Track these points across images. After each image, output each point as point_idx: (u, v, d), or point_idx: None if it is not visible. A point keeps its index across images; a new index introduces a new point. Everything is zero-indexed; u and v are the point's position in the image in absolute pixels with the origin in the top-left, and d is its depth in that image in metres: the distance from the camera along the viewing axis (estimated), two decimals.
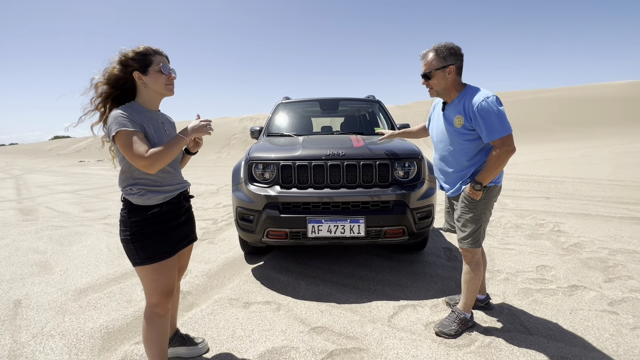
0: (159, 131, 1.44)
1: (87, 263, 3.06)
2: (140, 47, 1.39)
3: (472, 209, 1.78)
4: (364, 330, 1.91)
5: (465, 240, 1.82)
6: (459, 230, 1.86)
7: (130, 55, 1.37)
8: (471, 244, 1.81)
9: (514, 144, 1.68)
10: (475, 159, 1.79)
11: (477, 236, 1.81)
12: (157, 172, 1.41)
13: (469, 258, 1.86)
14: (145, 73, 1.38)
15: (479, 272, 1.87)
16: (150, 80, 1.39)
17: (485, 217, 1.83)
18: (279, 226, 2.40)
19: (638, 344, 1.75)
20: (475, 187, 1.73)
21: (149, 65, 1.38)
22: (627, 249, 3.14)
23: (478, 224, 1.79)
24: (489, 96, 1.70)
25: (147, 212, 1.38)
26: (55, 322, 2.05)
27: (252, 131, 3.98)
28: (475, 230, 1.80)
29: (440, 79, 1.80)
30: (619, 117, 18.85)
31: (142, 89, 1.42)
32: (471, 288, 1.89)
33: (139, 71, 1.38)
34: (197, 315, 2.10)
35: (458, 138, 1.81)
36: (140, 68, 1.37)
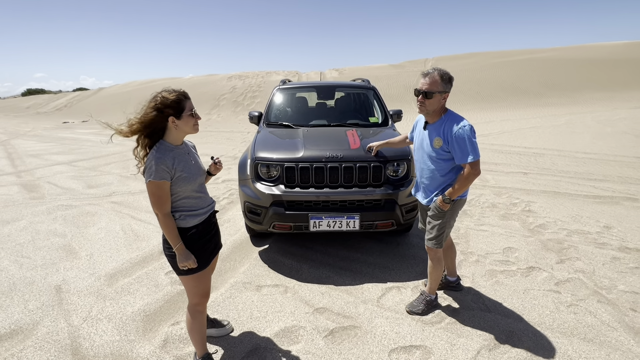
0: (187, 164, 1.69)
1: (108, 247, 3.39)
2: (173, 94, 1.58)
3: (440, 217, 2.14)
4: (357, 310, 2.37)
5: (431, 241, 2.21)
6: (427, 232, 2.23)
7: (167, 104, 1.56)
8: (435, 245, 2.21)
9: (479, 169, 1.99)
10: (447, 176, 2.11)
11: (441, 239, 2.19)
12: (192, 199, 1.71)
13: (432, 255, 2.27)
14: (179, 118, 1.59)
15: (440, 266, 2.30)
16: (182, 124, 1.61)
17: (450, 224, 2.20)
18: (284, 221, 2.74)
19: (569, 319, 2.26)
20: (445, 200, 2.06)
21: (182, 111, 1.59)
22: (582, 230, 3.64)
23: (443, 229, 2.16)
24: (465, 125, 1.98)
25: (187, 233, 1.69)
26: (99, 306, 2.43)
27: (251, 116, 4.13)
28: (439, 234, 2.18)
29: (436, 101, 2.02)
30: (607, 81, 19.02)
31: (173, 129, 1.63)
32: (434, 277, 2.34)
33: (174, 116, 1.58)
34: (219, 299, 2.51)
35: (435, 157, 2.10)
36: (175, 114, 1.58)
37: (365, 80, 4.61)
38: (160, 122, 1.59)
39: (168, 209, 1.63)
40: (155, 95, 1.60)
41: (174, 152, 1.66)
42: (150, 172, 1.56)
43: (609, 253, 3.13)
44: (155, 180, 1.56)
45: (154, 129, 1.63)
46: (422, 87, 2.01)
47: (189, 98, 1.64)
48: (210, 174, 1.95)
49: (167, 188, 1.60)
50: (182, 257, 1.63)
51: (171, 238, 1.63)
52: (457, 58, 25.71)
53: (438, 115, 2.08)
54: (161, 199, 1.60)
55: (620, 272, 2.81)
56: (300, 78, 24.02)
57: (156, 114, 1.57)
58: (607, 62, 20.84)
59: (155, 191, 1.59)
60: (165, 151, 1.62)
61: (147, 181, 1.58)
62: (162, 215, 1.61)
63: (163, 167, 1.56)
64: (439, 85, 1.98)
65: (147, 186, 1.60)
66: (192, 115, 1.62)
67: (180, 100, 1.58)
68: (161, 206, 1.61)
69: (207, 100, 20.67)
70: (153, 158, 1.58)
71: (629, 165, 6.35)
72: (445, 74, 2.00)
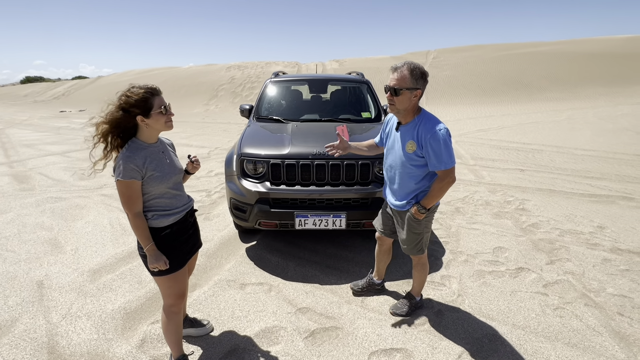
0: (160, 163, 1.63)
1: (94, 241, 3.35)
2: (139, 91, 1.50)
3: (417, 226, 2.02)
4: (340, 311, 2.34)
5: (412, 249, 2.11)
6: (406, 242, 2.09)
7: (132, 102, 1.49)
8: (417, 252, 2.12)
9: (455, 176, 1.84)
10: (421, 183, 1.94)
11: (421, 245, 2.10)
12: (166, 198, 1.65)
13: (416, 261, 2.21)
14: (148, 116, 1.52)
15: (426, 270, 2.24)
16: (152, 122, 1.54)
17: (427, 229, 2.08)
18: (270, 219, 2.69)
19: (554, 322, 2.23)
20: (420, 211, 1.91)
21: (150, 109, 1.52)
22: (575, 230, 3.59)
23: (421, 236, 2.07)
24: (441, 128, 1.80)
25: (161, 233, 1.64)
26: (79, 303, 2.40)
27: (242, 109, 4.05)
28: (419, 241, 2.08)
29: (405, 99, 1.81)
30: (611, 75, 18.74)
31: (144, 128, 1.57)
32: (420, 280, 2.28)
33: (142, 115, 1.51)
34: (201, 297, 2.47)
35: (408, 162, 1.91)
36: (143, 112, 1.51)
37: (360, 73, 4.51)
38: (128, 121, 1.53)
39: (138, 208, 1.58)
40: (121, 94, 1.53)
41: (147, 150, 1.60)
42: (119, 171, 1.51)
43: (600, 254, 3.09)
44: (123, 179, 1.50)
45: (124, 128, 1.56)
46: (390, 83, 1.82)
47: (159, 94, 1.57)
48: (188, 172, 1.89)
49: (136, 187, 1.55)
50: (152, 258, 1.59)
51: (141, 238, 1.58)
52: (459, 50, 25.32)
53: (410, 116, 1.90)
54: (130, 198, 1.55)
55: (610, 275, 2.77)
56: (300, 69, 23.73)
57: (122, 114, 1.51)
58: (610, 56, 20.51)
59: (124, 191, 1.53)
60: (137, 150, 1.56)
61: (115, 180, 1.53)
62: (132, 215, 1.56)
63: (132, 166, 1.51)
64: (407, 81, 1.77)
65: (117, 185, 1.54)
66: (163, 112, 1.55)
67: (146, 99, 1.51)
68: (131, 206, 1.56)
69: (206, 90, 20.47)
70: (122, 157, 1.52)
71: (628, 163, 6.27)
72: (415, 68, 1.78)
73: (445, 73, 20.17)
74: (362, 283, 2.52)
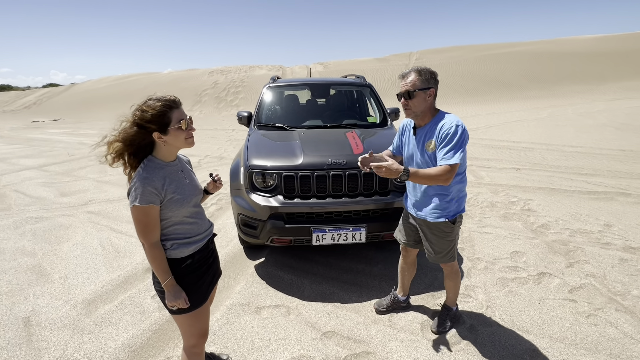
0: (180, 184, 1.43)
1: (85, 266, 3.05)
2: (156, 104, 1.30)
3: (449, 234, 1.92)
4: (369, 333, 2.17)
5: (444, 257, 2.00)
6: (437, 251, 1.98)
7: (147, 118, 1.29)
8: (449, 259, 2.02)
9: (451, 180, 1.70)
10: (447, 188, 1.83)
11: (453, 252, 2.01)
12: (187, 224, 1.45)
13: (448, 270, 2.09)
14: (166, 133, 1.32)
15: (459, 277, 2.14)
16: (170, 139, 1.34)
17: (457, 238, 1.99)
18: (284, 235, 2.50)
19: (591, 332, 2.15)
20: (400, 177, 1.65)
21: (168, 125, 1.31)
22: (584, 229, 3.58)
23: (453, 242, 1.98)
24: (459, 124, 1.74)
25: (182, 264, 1.43)
26: (75, 342, 2.12)
27: (240, 117, 3.84)
28: (451, 248, 1.99)
29: (421, 100, 1.79)
30: (584, 74, 19.57)
31: (162, 145, 1.36)
32: (454, 289, 2.17)
33: (159, 132, 1.31)
34: (214, 325, 2.25)
35: (432, 163, 1.82)
36: (160, 129, 1.31)
37: (361, 76, 4.38)
38: (144, 138, 1.32)
39: (156, 237, 1.36)
40: (136, 108, 1.32)
41: (165, 170, 1.39)
42: (135, 196, 1.29)
43: (616, 254, 3.07)
44: (140, 204, 1.29)
45: (139, 146, 1.35)
46: (402, 89, 1.82)
47: (178, 106, 1.36)
48: (208, 192, 1.69)
49: (155, 213, 1.34)
50: (171, 296, 1.37)
51: (159, 272, 1.37)
52: (440, 51, 25.85)
53: (428, 117, 1.84)
54: (148, 226, 1.33)
55: (631, 275, 2.74)
56: (285, 72, 23.51)
57: (137, 130, 1.30)
58: (584, 56, 21.45)
59: (141, 218, 1.32)
60: (154, 170, 1.35)
61: (131, 206, 1.31)
62: (149, 245, 1.35)
63: (150, 189, 1.30)
64: (418, 82, 1.78)
65: (132, 211, 1.33)
66: (182, 127, 1.35)
67: (163, 113, 1.30)
68: (148, 234, 1.34)
69: (189, 96, 19.91)
70: (139, 178, 1.30)
71: (615, 158, 6.44)
72: (424, 70, 1.80)
73: None
74: (387, 302, 2.37)
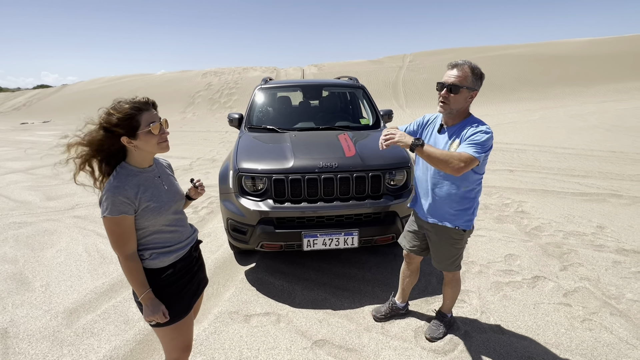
0: (157, 191, 1.35)
1: (69, 274, 2.94)
2: (123, 107, 1.22)
3: (458, 242, 1.88)
4: (361, 341, 2.11)
5: (450, 266, 1.96)
6: (444, 259, 1.94)
7: (113, 122, 1.21)
8: (455, 268, 1.98)
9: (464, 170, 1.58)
10: (468, 190, 1.77)
11: (459, 261, 1.97)
12: (166, 232, 1.38)
13: (450, 277, 2.05)
14: (135, 137, 1.25)
15: (459, 286, 2.09)
16: (141, 143, 1.27)
17: (465, 243, 1.95)
18: (274, 240, 2.43)
19: (586, 337, 2.11)
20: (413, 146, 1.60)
21: (136, 129, 1.24)
22: (577, 231, 3.57)
23: (461, 250, 1.94)
24: (490, 130, 1.66)
25: (162, 275, 1.36)
26: (54, 355, 2.03)
27: (231, 119, 3.78)
28: (458, 257, 1.95)
29: (462, 99, 1.68)
30: (575, 76, 19.83)
31: (134, 150, 1.29)
32: (452, 297, 2.13)
33: (127, 136, 1.24)
34: (201, 335, 2.17)
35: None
36: (128, 133, 1.23)
37: (353, 78, 4.34)
38: (113, 143, 1.25)
39: (132, 248, 1.29)
40: (103, 111, 1.25)
41: (140, 177, 1.32)
42: (106, 206, 1.22)
43: (609, 256, 3.05)
44: (111, 215, 1.22)
45: (110, 152, 1.28)
46: (449, 80, 1.67)
47: (149, 109, 1.28)
48: (190, 198, 1.61)
49: (128, 224, 1.26)
50: (149, 309, 1.30)
51: (136, 285, 1.30)
52: (434, 54, 26.02)
53: (460, 118, 1.75)
54: (122, 237, 1.26)
55: (625, 278, 2.73)
56: (279, 74, 23.44)
57: (104, 134, 1.22)
58: (574, 58, 21.75)
59: (114, 229, 1.24)
60: (127, 177, 1.28)
61: (101, 216, 1.24)
62: (124, 257, 1.27)
63: (122, 198, 1.22)
64: (469, 80, 1.65)
65: (103, 222, 1.25)
66: (153, 132, 1.26)
67: (131, 116, 1.22)
68: (122, 246, 1.27)
69: (182, 97, 19.72)
70: (109, 188, 1.23)
71: (606, 159, 6.49)
72: (477, 68, 1.67)
73: (422, 76, 20.57)
74: (385, 309, 2.31)
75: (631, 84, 18.41)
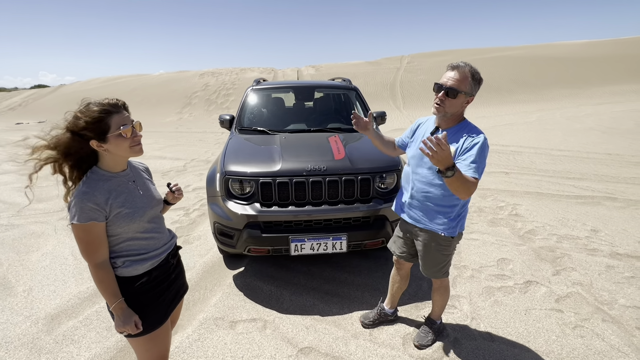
0: (130, 196, 1.30)
1: (53, 278, 2.88)
2: (91, 110, 1.17)
3: (446, 248, 1.83)
4: (348, 349, 2.06)
5: (437, 272, 1.91)
6: (431, 266, 1.89)
7: (81, 125, 1.16)
8: (443, 275, 1.93)
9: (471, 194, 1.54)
10: (455, 199, 1.71)
11: (447, 268, 1.92)
12: (141, 239, 1.33)
13: (438, 284, 2.00)
14: (105, 141, 1.20)
15: (448, 292, 2.05)
16: (112, 147, 1.22)
17: (454, 250, 1.90)
18: (261, 245, 2.39)
19: (577, 345, 2.07)
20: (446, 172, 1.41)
21: (106, 132, 1.19)
22: (571, 235, 3.54)
23: (449, 257, 1.89)
24: (485, 139, 1.61)
25: (135, 283, 1.30)
26: None
27: (222, 120, 3.73)
28: (446, 263, 1.90)
29: (459, 103, 1.63)
30: (572, 78, 19.89)
31: (105, 154, 1.24)
32: (441, 304, 2.09)
33: (97, 140, 1.19)
34: (184, 343, 2.11)
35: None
36: (97, 136, 1.18)
37: (347, 79, 4.30)
38: (81, 147, 1.20)
39: (102, 257, 1.24)
40: (71, 113, 1.20)
41: (112, 182, 1.26)
42: (74, 213, 1.17)
43: (602, 261, 3.02)
44: (79, 222, 1.16)
45: (80, 156, 1.23)
46: (447, 83, 1.60)
47: (119, 111, 1.22)
48: (168, 202, 1.56)
49: (98, 231, 1.21)
50: (120, 320, 1.25)
51: (106, 295, 1.24)
52: (432, 55, 26.04)
53: (453, 122, 1.70)
54: (91, 245, 1.21)
55: (618, 283, 2.69)
56: (276, 75, 23.40)
57: (71, 138, 1.17)
58: (571, 60, 21.82)
59: (82, 236, 1.19)
60: (97, 182, 1.23)
61: (69, 223, 1.19)
62: (93, 265, 1.22)
63: (90, 205, 1.17)
64: (467, 84, 1.59)
65: (72, 229, 1.20)
66: (125, 135, 1.21)
67: (99, 119, 1.17)
68: (92, 254, 1.21)
69: (179, 98, 19.63)
70: (77, 194, 1.18)
71: (602, 162, 6.48)
72: (477, 72, 1.62)
73: (420, 77, 20.57)
74: (373, 315, 2.26)
75: (627, 86, 18.48)
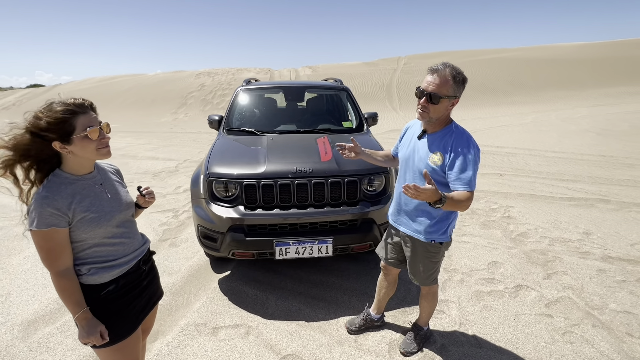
0: (97, 200, 1.24)
1: (33, 282, 2.80)
2: (54, 110, 1.11)
3: (435, 255, 1.79)
4: (332, 356, 2.01)
5: (426, 280, 1.87)
6: (420, 272, 1.85)
7: (42, 126, 1.10)
8: (431, 282, 1.89)
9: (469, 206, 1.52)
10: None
11: (435, 275, 1.88)
12: (108, 245, 1.26)
13: (426, 291, 1.96)
14: (68, 142, 1.13)
15: (436, 299, 2.00)
16: (76, 149, 1.15)
17: (442, 257, 1.86)
18: (245, 248, 2.33)
19: (567, 351, 2.03)
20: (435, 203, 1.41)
21: (70, 133, 1.12)
22: (563, 238, 3.50)
23: (438, 264, 1.85)
24: (475, 145, 1.56)
25: (101, 292, 1.24)
26: None
27: (211, 121, 3.68)
28: (434, 270, 1.86)
29: (442, 108, 1.55)
30: (568, 80, 19.98)
31: (69, 156, 1.17)
32: (429, 311, 2.04)
33: (60, 141, 1.12)
34: (164, 350, 2.05)
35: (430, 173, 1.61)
36: (61, 138, 1.12)
37: (338, 80, 4.25)
38: (43, 149, 1.13)
39: (65, 264, 1.17)
40: (30, 115, 1.14)
41: (76, 185, 1.20)
42: (33, 218, 1.11)
43: (594, 264, 2.99)
44: (39, 229, 1.10)
45: (41, 158, 1.16)
46: (428, 88, 1.53)
47: (86, 111, 1.16)
48: (140, 207, 1.50)
49: (60, 238, 1.15)
50: (84, 331, 1.18)
51: (69, 305, 1.18)
52: (428, 57, 26.08)
53: (440, 125, 1.63)
54: (52, 252, 1.15)
55: (609, 287, 2.65)
56: (272, 75, 23.34)
57: (31, 139, 1.11)
58: (566, 62, 21.93)
59: (42, 243, 1.13)
60: (59, 186, 1.16)
61: (28, 229, 1.13)
62: (55, 273, 1.16)
63: (51, 210, 1.11)
64: (449, 88, 1.51)
65: (31, 236, 1.14)
66: (90, 136, 1.15)
67: (63, 120, 1.11)
68: (53, 262, 1.15)
69: (174, 98, 19.51)
70: (36, 198, 1.12)
71: (596, 164, 6.47)
72: (459, 73, 1.53)
73: (416, 78, 20.57)
74: (359, 321, 2.20)
75: (622, 88, 18.59)
